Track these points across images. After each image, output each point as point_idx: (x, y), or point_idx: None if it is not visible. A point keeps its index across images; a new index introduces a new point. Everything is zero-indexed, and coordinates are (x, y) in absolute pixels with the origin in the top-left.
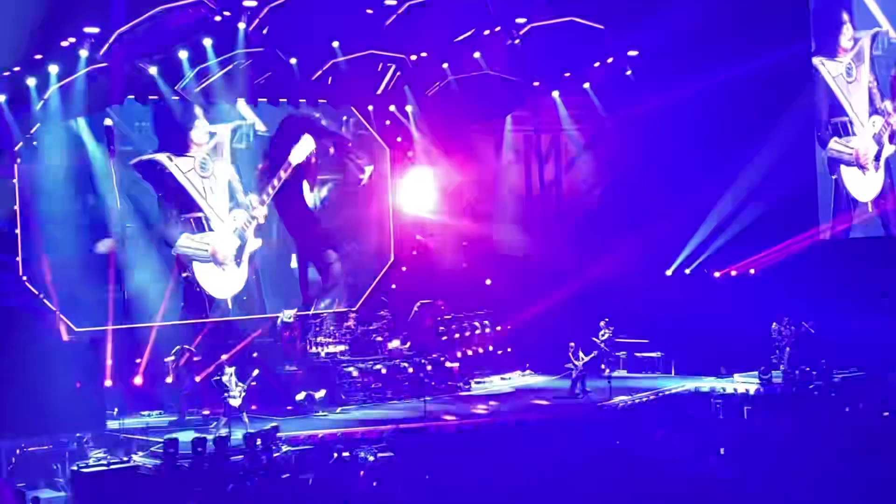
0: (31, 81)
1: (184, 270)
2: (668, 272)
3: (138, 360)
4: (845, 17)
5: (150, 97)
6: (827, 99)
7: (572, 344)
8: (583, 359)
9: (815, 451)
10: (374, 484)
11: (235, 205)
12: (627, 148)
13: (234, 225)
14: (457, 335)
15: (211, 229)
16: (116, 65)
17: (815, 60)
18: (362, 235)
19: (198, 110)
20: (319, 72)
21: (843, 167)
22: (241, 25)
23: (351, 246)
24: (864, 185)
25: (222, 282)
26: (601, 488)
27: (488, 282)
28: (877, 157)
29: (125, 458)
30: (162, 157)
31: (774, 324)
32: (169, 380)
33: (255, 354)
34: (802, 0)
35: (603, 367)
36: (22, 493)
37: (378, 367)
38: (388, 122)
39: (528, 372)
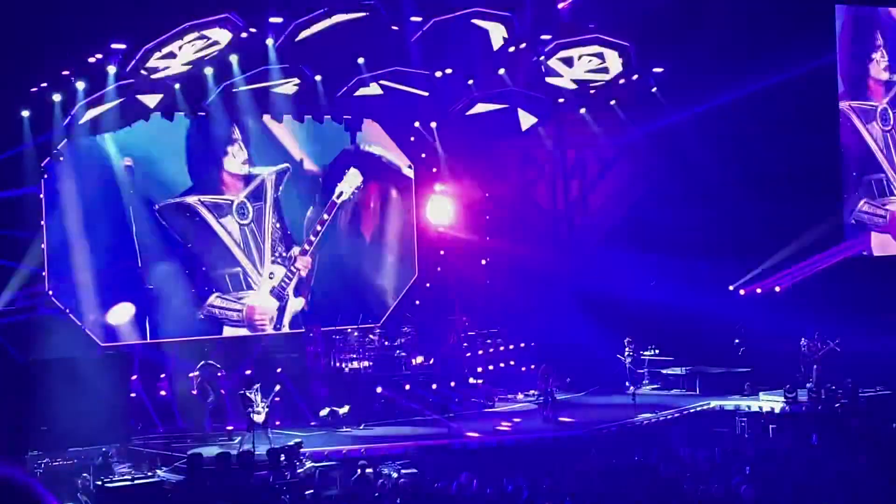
0: (58, 97)
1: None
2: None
3: (163, 375)
4: (879, 39)
5: (177, 113)
6: (857, 151)
7: (543, 366)
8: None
9: (840, 469)
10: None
11: (279, 257)
12: (653, 165)
13: (270, 283)
14: (480, 351)
15: (249, 287)
16: (143, 81)
17: (843, 105)
18: (387, 252)
19: (236, 133)
20: (344, 88)
21: (872, 233)
22: (270, 42)
23: (376, 262)
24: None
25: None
26: None
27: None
28: None
29: (149, 473)
30: (192, 200)
31: (803, 339)
32: (193, 394)
33: (279, 370)
34: (828, 17)
35: (627, 384)
36: None
37: (402, 383)
38: (412, 139)
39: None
